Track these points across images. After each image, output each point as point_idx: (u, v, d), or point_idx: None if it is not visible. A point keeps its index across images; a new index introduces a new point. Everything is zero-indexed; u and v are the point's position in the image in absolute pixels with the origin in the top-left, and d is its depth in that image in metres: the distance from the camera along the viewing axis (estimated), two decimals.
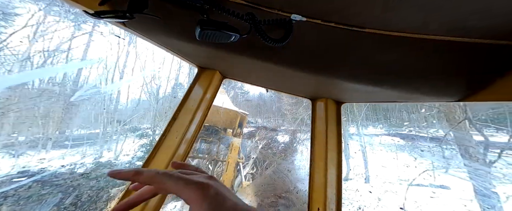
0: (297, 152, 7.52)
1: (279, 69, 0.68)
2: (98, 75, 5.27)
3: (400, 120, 8.46)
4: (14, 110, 3.47)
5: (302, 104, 8.57)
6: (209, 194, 0.22)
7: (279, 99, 10.57)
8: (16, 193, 2.40)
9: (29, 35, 3.96)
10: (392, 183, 5.52)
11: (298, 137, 8.12)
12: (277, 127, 9.74)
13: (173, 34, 0.56)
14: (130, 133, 5.59)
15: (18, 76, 3.63)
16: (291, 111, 9.10)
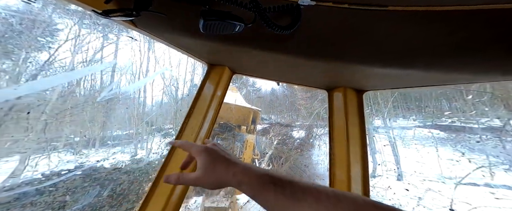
0: (315, 147, 7.25)
1: (290, 59, 0.63)
2: (126, 80, 5.96)
3: (438, 110, 7.28)
4: (69, 115, 4.19)
5: (317, 98, 8.12)
6: (207, 150, 0.35)
7: (292, 94, 10.25)
8: (78, 182, 2.92)
9: (70, 48, 4.69)
10: (434, 181, 4.81)
11: (315, 132, 7.79)
12: (291, 123, 9.52)
13: (180, 31, 0.56)
14: (156, 133, 6.22)
15: (67, 85, 4.34)
16: (305, 106, 8.74)
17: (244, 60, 0.78)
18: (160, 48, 6.68)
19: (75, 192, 2.74)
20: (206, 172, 0.33)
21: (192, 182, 0.34)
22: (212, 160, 0.34)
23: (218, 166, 0.33)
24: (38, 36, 4.13)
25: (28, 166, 3.15)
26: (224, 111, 4.81)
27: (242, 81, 11.78)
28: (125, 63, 5.96)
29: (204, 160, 0.34)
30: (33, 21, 4.02)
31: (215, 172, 0.33)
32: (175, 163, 0.77)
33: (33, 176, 2.99)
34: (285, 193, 0.27)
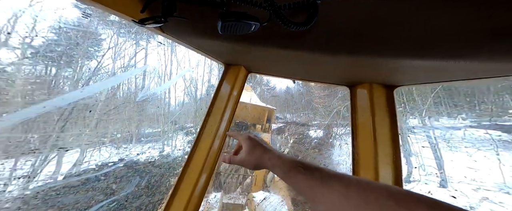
0: (335, 147, 6.78)
1: (307, 56, 0.61)
2: (154, 83, 6.70)
3: (499, 107, 5.87)
4: (112, 114, 4.96)
5: (336, 95, 7.54)
6: (248, 137, 0.46)
7: (309, 92, 9.77)
8: (123, 173, 3.44)
9: (112, 55, 5.53)
10: (493, 190, 3.95)
11: (335, 132, 7.27)
12: (308, 122, 9.13)
13: (200, 34, 0.60)
14: (179, 131, 6.81)
15: (110, 88, 5.14)
16: (323, 104, 8.23)
17: (259, 59, 0.78)
18: (181, 52, 7.28)
19: (120, 181, 3.25)
20: (248, 154, 0.43)
21: (238, 161, 0.45)
22: (253, 146, 0.43)
23: (256, 150, 0.42)
24: (89, 46, 5.01)
25: (86, 157, 3.88)
26: (239, 110, 4.93)
27: (257, 80, 11.82)
28: (153, 67, 6.69)
29: (247, 146, 0.44)
30: (85, 33, 4.89)
31: (254, 155, 0.42)
32: (197, 159, 0.82)
33: (89, 166, 3.67)
34: (314, 176, 0.31)
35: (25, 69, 3.90)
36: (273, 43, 0.57)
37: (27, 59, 3.90)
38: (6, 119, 2.83)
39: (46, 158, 3.28)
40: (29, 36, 3.92)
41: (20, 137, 3.11)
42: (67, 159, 3.69)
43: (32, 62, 3.98)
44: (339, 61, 0.61)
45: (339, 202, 0.26)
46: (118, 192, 2.99)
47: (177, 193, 0.76)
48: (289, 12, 0.41)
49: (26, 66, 3.94)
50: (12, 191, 2.57)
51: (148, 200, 3.08)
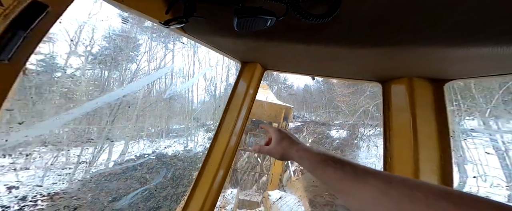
0: (361, 148, 6.12)
1: (328, 51, 0.56)
2: (180, 82, 7.38)
3: None
4: (148, 111, 5.71)
5: (363, 93, 6.73)
6: (278, 130, 0.48)
7: (330, 89, 9.05)
8: (153, 164, 3.94)
9: (147, 58, 6.35)
10: None
11: (361, 132, 6.55)
12: (328, 121, 8.54)
13: (216, 32, 0.61)
14: (200, 128, 7.33)
15: (146, 88, 5.90)
16: (347, 103, 7.48)
17: (275, 56, 0.75)
18: (202, 52, 7.80)
19: (151, 172, 3.72)
20: (276, 145, 0.45)
21: (266, 151, 0.47)
22: (281, 138, 0.45)
23: (284, 142, 0.44)
24: (130, 50, 5.89)
25: (128, 148, 4.60)
26: (255, 108, 4.95)
27: (273, 78, 11.64)
28: (179, 67, 7.37)
29: (275, 137, 0.46)
30: (127, 39, 5.78)
31: (281, 146, 0.44)
32: (215, 155, 0.86)
33: (129, 156, 4.34)
34: (345, 170, 0.30)
35: (87, 72, 4.89)
36: (290, 38, 0.54)
37: (88, 64, 4.90)
38: (75, 112, 3.61)
39: (101, 148, 4.05)
40: (90, 44, 4.92)
41: (83, 129, 3.92)
42: (115, 149, 4.46)
43: (91, 66, 4.99)
44: (366, 55, 0.54)
45: (377, 198, 0.25)
46: (149, 182, 3.41)
47: (197, 187, 0.81)
48: (307, 4, 0.38)
49: (88, 70, 4.91)
50: (76, 173, 3.26)
51: (172, 191, 3.40)
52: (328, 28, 0.45)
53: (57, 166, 3.19)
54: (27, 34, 0.30)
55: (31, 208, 2.30)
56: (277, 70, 1.02)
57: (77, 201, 2.62)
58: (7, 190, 2.36)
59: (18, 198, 2.34)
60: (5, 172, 2.52)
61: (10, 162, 2.58)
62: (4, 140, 2.51)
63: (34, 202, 2.36)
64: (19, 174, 2.65)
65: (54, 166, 3.18)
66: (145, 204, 2.98)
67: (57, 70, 4.16)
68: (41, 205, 2.38)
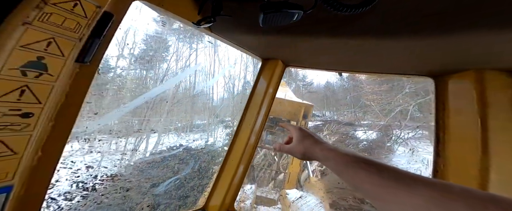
0: (394, 152, 5.37)
1: (363, 44, 0.50)
2: (202, 80, 7.91)
3: None
4: (175, 106, 6.35)
5: (401, 90, 5.77)
6: (300, 128, 0.46)
7: (357, 87, 8.13)
8: (183, 156, 4.36)
9: (175, 59, 7.03)
10: None
11: (395, 134, 5.71)
12: (354, 121, 7.74)
13: (240, 30, 0.62)
14: (220, 124, 7.73)
15: (174, 86, 6.57)
16: (378, 101, 6.57)
17: (299, 51, 0.72)
18: (222, 51, 8.13)
19: (182, 163, 4.14)
20: (297, 144, 0.43)
21: (287, 150, 0.46)
22: (303, 136, 0.43)
23: (306, 140, 0.42)
24: (162, 52, 6.64)
25: (161, 140, 5.26)
26: (274, 105, 4.84)
27: (291, 76, 11.22)
28: (201, 66, 7.90)
29: (297, 135, 0.44)
30: (159, 41, 6.52)
31: (303, 145, 0.42)
32: (236, 151, 0.89)
33: (162, 148, 4.95)
34: (382, 175, 0.27)
35: (130, 72, 5.82)
36: (316, 32, 0.51)
37: (132, 65, 5.81)
38: (123, 108, 4.34)
39: (141, 138, 4.75)
40: (133, 47, 5.80)
41: (129, 121, 4.67)
42: (152, 140, 5.17)
43: (133, 67, 5.89)
44: (413, 46, 0.46)
45: (425, 208, 0.22)
46: (180, 172, 3.81)
47: (219, 181, 0.86)
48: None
49: (131, 70, 5.86)
50: (128, 159, 3.92)
51: (198, 182, 3.70)
52: (362, 19, 0.40)
53: (116, 151, 3.89)
54: (101, 40, 0.37)
55: (99, 185, 2.84)
56: (299, 66, 0.97)
57: (129, 184, 3.07)
58: (86, 168, 2.98)
59: (92, 176, 2.93)
60: (85, 153, 3.20)
61: (89, 145, 3.27)
62: (85, 127, 3.16)
63: (101, 181, 2.91)
64: (93, 156, 3.32)
65: (115, 151, 3.90)
66: (176, 192, 3.31)
67: (110, 70, 5.09)
68: (106, 184, 2.92)
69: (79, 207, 2.53)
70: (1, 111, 0.27)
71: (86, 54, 0.35)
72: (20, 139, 0.29)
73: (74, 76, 0.35)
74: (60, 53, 0.32)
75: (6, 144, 0.28)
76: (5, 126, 0.27)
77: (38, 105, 0.30)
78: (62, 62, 0.32)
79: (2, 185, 0.28)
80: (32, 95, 0.29)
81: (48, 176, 0.35)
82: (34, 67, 0.29)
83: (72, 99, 0.36)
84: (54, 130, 0.34)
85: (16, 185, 0.30)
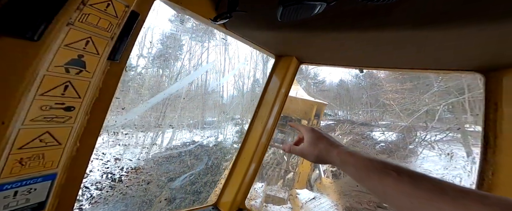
0: (416, 155, 4.91)
1: (393, 36, 0.45)
2: (213, 78, 8.13)
3: None
4: (188, 104, 6.63)
5: (429, 89, 5.20)
6: (312, 129, 0.43)
7: (375, 85, 7.58)
8: (197, 152, 4.51)
9: (189, 57, 7.33)
10: None
11: (419, 136, 5.20)
12: (370, 121, 7.24)
13: (255, 26, 0.61)
14: (229, 121, 7.86)
15: (187, 84, 6.86)
16: (400, 101, 6.02)
17: (316, 47, 0.69)
18: (232, 50, 8.24)
19: (196, 159, 4.28)
20: (310, 146, 0.40)
21: (298, 152, 0.42)
22: (316, 138, 0.40)
23: (320, 142, 0.39)
24: (176, 51, 6.98)
25: (175, 136, 5.55)
26: (285, 103, 4.72)
27: (301, 73, 10.90)
28: (212, 65, 8.11)
29: (309, 137, 0.41)
30: (174, 39, 6.86)
31: (317, 147, 0.39)
32: (247, 149, 0.88)
33: (176, 143, 5.21)
34: (416, 184, 0.24)
35: (148, 71, 6.23)
36: (338, 25, 0.47)
37: (150, 64, 6.24)
38: (151, 101, 4.69)
39: (158, 133, 5.07)
40: (151, 47, 6.24)
41: (150, 115, 5.02)
42: (166, 135, 5.50)
43: (151, 65, 6.33)
44: (457, 38, 0.40)
45: None
46: (194, 168, 3.93)
47: (231, 178, 0.87)
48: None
49: (149, 69, 6.14)
50: (149, 153, 4.17)
51: (211, 179, 3.77)
52: (396, 8, 0.36)
53: (138, 145, 4.13)
54: (128, 39, 0.39)
55: (124, 177, 3.05)
56: (314, 63, 0.93)
57: (150, 177, 3.26)
58: (114, 160, 3.23)
59: (119, 168, 3.16)
60: (112, 146, 3.47)
61: (116, 138, 3.53)
62: (114, 121, 3.43)
63: (126, 173, 3.12)
64: (119, 149, 3.58)
65: (138, 145, 4.16)
66: (191, 187, 3.43)
67: (132, 69, 5.50)
68: (130, 176, 3.12)
69: (108, 196, 2.76)
70: (49, 104, 0.30)
71: (117, 52, 0.38)
72: (63, 130, 0.33)
73: (106, 72, 0.38)
74: (96, 51, 0.34)
75: (53, 135, 0.31)
76: (51, 118, 0.30)
77: (78, 100, 0.33)
78: (97, 60, 0.35)
79: (48, 172, 0.31)
80: (74, 90, 0.32)
81: (85, 165, 0.38)
82: (76, 65, 0.32)
83: (104, 94, 0.39)
84: (89, 123, 0.37)
85: (59, 173, 0.33)
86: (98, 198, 2.70)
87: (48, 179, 0.32)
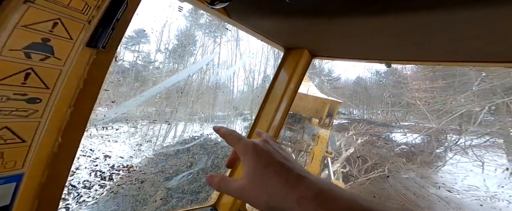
0: (444, 160, 4.37)
1: (429, 22, 0.35)
2: (224, 72, 8.22)
3: None
4: (200, 98, 6.86)
5: (468, 88, 4.45)
6: (256, 149, 0.24)
7: (399, 83, 6.84)
8: (197, 149, 4.53)
9: (201, 52, 7.55)
10: None
11: (450, 140, 4.60)
12: (390, 122, 6.64)
13: (261, 13, 0.54)
14: (239, 116, 7.94)
15: (198, 77, 7.06)
16: (428, 100, 5.33)
17: (330, 37, 0.59)
18: (243, 45, 8.18)
19: (197, 155, 4.22)
20: (253, 185, 0.22)
21: (234, 193, 0.23)
22: (263, 168, 0.22)
23: (271, 178, 0.21)
24: (190, 46, 7.21)
25: (186, 129, 5.81)
26: (295, 100, 4.51)
27: (314, 69, 10.36)
28: (223, 59, 8.22)
29: (250, 166, 0.23)
30: (188, 36, 7.08)
31: (266, 188, 0.21)
32: None
33: (185, 137, 5.41)
34: None
35: (165, 65, 6.38)
36: (361, 12, 0.38)
37: (166, 59, 6.55)
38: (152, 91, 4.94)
39: (170, 129, 5.34)
40: (168, 42, 6.58)
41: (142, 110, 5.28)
42: (179, 128, 5.79)
43: (167, 60, 6.70)
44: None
45: None
46: (193, 166, 3.73)
47: (233, 176, 0.83)
48: None
49: (166, 64, 6.44)
50: (144, 150, 4.02)
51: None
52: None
53: (133, 142, 3.93)
54: (114, 25, 0.34)
55: (115, 175, 2.86)
56: (330, 57, 0.82)
57: (144, 176, 3.06)
58: (103, 158, 3.00)
59: (110, 166, 2.93)
60: (103, 141, 3.24)
61: (106, 133, 3.29)
62: (103, 115, 3.18)
63: (117, 171, 2.91)
64: (111, 145, 3.35)
65: (132, 141, 3.92)
66: (189, 187, 3.24)
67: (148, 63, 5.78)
68: (122, 174, 2.92)
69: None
70: (5, 94, 0.26)
71: (99, 38, 0.33)
72: (27, 126, 0.29)
73: (91, 62, 0.34)
74: (68, 36, 0.30)
75: (13, 131, 0.28)
76: (10, 111, 0.27)
77: (45, 90, 0.29)
78: (70, 46, 0.30)
79: (9, 174, 0.28)
80: (39, 79, 0.28)
81: (69, 162, 0.35)
82: (39, 49, 0.27)
83: (90, 86, 0.35)
84: (72, 116, 0.34)
85: (26, 173, 0.30)
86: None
87: (12, 181, 0.29)
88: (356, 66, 11.76)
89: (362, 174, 4.68)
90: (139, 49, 6.54)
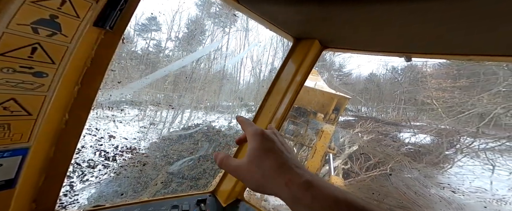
0: (452, 162, 4.22)
1: (455, 8, 0.31)
2: (231, 64, 8.16)
3: None
4: (207, 86, 6.93)
5: (493, 87, 4.07)
6: (263, 135, 0.27)
7: (416, 80, 6.40)
8: (200, 135, 4.63)
9: (209, 42, 7.45)
10: None
11: (463, 142, 4.37)
12: (400, 121, 6.39)
13: (272, 2, 0.51)
14: (244, 107, 7.98)
15: (206, 66, 7.07)
16: (446, 100, 4.96)
17: (343, 26, 0.54)
18: (252, 36, 7.94)
19: (199, 142, 4.12)
20: (251, 163, 0.24)
21: (232, 170, 0.26)
22: (265, 150, 0.25)
23: (269, 160, 0.24)
24: (199, 35, 7.16)
25: (192, 116, 5.98)
26: (301, 93, 4.35)
27: (325, 64, 9.90)
28: (231, 50, 8.09)
29: (254, 147, 0.25)
30: (198, 25, 7.02)
31: (262, 167, 0.23)
32: None
33: (190, 124, 5.56)
34: None
35: (175, 52, 6.46)
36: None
37: (176, 47, 6.58)
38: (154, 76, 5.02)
39: (176, 114, 5.50)
40: (178, 31, 6.59)
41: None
42: (185, 115, 5.96)
43: (177, 48, 6.75)
44: None
45: None
46: (194, 153, 3.72)
47: None
48: None
49: (175, 51, 6.54)
50: (148, 133, 4.03)
51: (211, 166, 3.58)
52: None
53: (138, 124, 3.99)
54: (122, 6, 0.34)
55: (119, 156, 2.86)
56: (342, 49, 0.76)
57: (146, 158, 3.08)
58: (108, 137, 2.96)
59: (114, 146, 2.83)
60: (108, 122, 3.23)
61: (111, 114, 3.25)
62: (109, 95, 3.11)
63: (121, 152, 2.89)
64: (116, 125, 3.32)
65: (138, 123, 4.01)
66: (189, 173, 3.26)
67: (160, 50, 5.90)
68: (125, 156, 2.92)
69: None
70: (11, 66, 0.26)
71: (106, 18, 0.33)
72: (34, 99, 0.29)
73: (99, 42, 0.34)
74: (75, 14, 0.30)
75: (20, 103, 0.28)
76: (16, 83, 0.27)
77: (51, 65, 0.30)
78: (76, 24, 0.30)
79: (16, 146, 0.28)
80: (45, 54, 0.29)
81: (75, 139, 0.37)
82: (46, 25, 0.28)
83: (97, 65, 0.36)
84: (80, 94, 0.35)
85: (32, 148, 0.31)
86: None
87: (17, 154, 0.29)
88: (371, 61, 11.07)
89: (363, 171, 4.65)
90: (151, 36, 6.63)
